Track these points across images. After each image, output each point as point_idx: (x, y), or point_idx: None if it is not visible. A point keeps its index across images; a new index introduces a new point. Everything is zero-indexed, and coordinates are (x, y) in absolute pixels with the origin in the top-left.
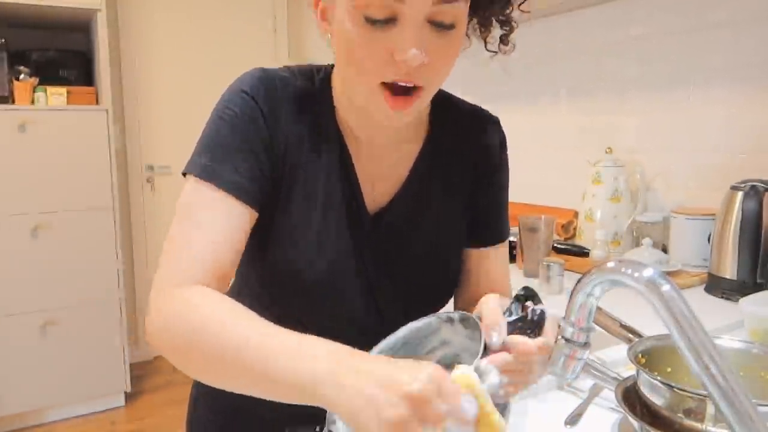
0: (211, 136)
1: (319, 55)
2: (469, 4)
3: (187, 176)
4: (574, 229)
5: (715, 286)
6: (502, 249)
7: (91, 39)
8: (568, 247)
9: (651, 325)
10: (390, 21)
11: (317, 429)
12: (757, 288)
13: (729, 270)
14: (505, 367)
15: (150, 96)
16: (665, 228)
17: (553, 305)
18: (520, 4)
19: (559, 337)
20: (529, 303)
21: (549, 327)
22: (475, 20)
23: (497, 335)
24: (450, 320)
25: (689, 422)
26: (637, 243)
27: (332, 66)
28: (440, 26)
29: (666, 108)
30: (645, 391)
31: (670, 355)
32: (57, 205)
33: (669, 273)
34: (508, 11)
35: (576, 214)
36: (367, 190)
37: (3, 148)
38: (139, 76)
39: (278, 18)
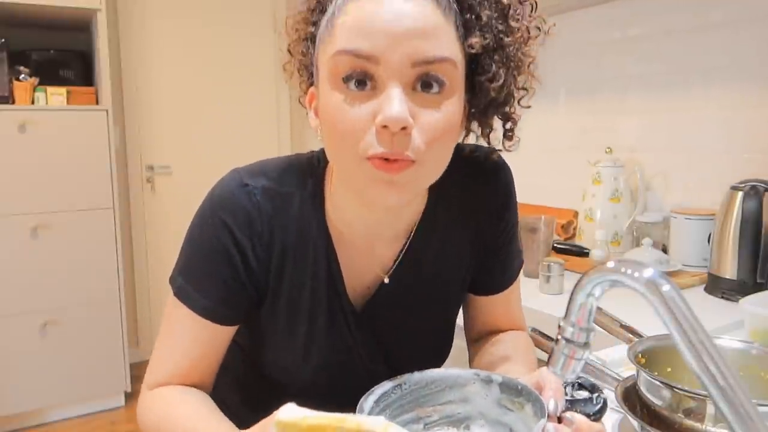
0: (187, 255)
1: None
2: (462, 72)
3: (171, 291)
4: (574, 229)
5: (715, 286)
6: (514, 286)
7: (91, 39)
8: (568, 247)
9: (651, 325)
10: (368, 84)
11: None
12: (757, 288)
13: (729, 270)
14: None
15: (150, 96)
16: (665, 228)
17: (553, 305)
18: (519, 100)
19: (559, 337)
20: (582, 392)
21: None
22: (474, 121)
23: (554, 403)
24: (488, 380)
25: (689, 422)
26: (637, 243)
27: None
28: (426, 88)
29: (666, 108)
30: (645, 391)
31: (670, 355)
32: (57, 205)
33: (669, 273)
34: (507, 109)
35: (576, 214)
36: (353, 282)
37: (3, 148)
38: (139, 76)
39: (278, 18)
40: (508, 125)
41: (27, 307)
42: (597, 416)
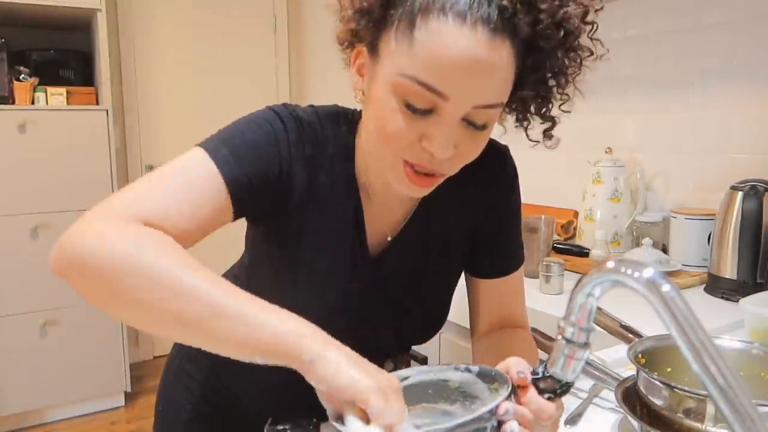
0: (236, 134)
1: (317, 57)
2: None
3: (196, 147)
4: (574, 229)
5: (715, 286)
6: (515, 276)
7: (91, 39)
8: (568, 247)
9: (651, 325)
10: (428, 111)
11: (314, 420)
12: (757, 288)
13: (729, 270)
14: (522, 420)
15: (150, 96)
16: (665, 228)
17: (553, 305)
18: (560, 105)
19: (559, 337)
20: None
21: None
22: (514, 114)
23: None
24: (467, 371)
25: (689, 422)
26: (637, 243)
27: (360, 113)
28: (473, 125)
29: (666, 108)
30: (645, 391)
31: (670, 355)
32: (57, 205)
33: (669, 273)
34: (544, 111)
35: (576, 214)
36: (372, 234)
37: (3, 148)
38: (139, 76)
39: (278, 18)
40: (547, 123)
41: (27, 307)
42: (562, 390)
